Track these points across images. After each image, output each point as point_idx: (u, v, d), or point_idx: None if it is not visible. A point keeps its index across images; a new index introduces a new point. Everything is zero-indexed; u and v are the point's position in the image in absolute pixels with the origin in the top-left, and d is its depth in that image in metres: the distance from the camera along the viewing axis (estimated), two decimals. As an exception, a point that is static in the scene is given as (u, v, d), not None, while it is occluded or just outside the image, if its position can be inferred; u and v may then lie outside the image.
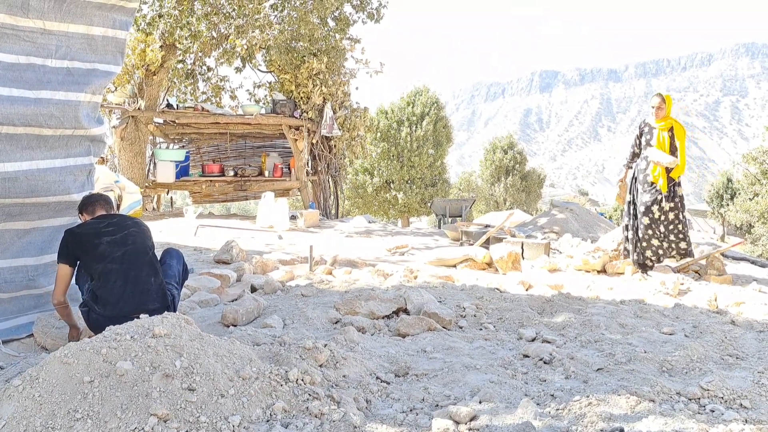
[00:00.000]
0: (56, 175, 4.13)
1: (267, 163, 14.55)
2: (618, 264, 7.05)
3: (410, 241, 9.77)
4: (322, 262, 7.27)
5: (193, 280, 5.51)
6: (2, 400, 2.26)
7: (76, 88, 4.14)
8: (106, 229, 3.72)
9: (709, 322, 4.45)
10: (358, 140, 15.01)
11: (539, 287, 5.97)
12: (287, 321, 4.24)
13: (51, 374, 2.33)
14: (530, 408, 2.54)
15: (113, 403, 2.26)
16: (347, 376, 2.96)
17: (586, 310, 4.75)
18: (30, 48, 3.92)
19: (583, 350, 3.68)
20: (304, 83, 13.55)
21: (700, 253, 7.56)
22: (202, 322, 4.22)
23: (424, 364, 3.39)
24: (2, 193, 3.85)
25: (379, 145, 29.59)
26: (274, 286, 5.49)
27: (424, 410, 2.68)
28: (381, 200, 30.17)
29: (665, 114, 6.79)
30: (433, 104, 30.79)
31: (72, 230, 3.76)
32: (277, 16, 13.82)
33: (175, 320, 2.74)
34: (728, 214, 32.07)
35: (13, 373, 3.14)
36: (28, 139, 3.95)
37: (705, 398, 2.76)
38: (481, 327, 4.36)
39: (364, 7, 14.42)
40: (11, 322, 4.06)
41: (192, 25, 12.51)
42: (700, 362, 3.41)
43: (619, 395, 2.69)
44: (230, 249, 7.05)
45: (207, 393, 2.39)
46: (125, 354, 2.43)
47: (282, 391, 2.54)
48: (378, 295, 4.69)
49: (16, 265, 4.12)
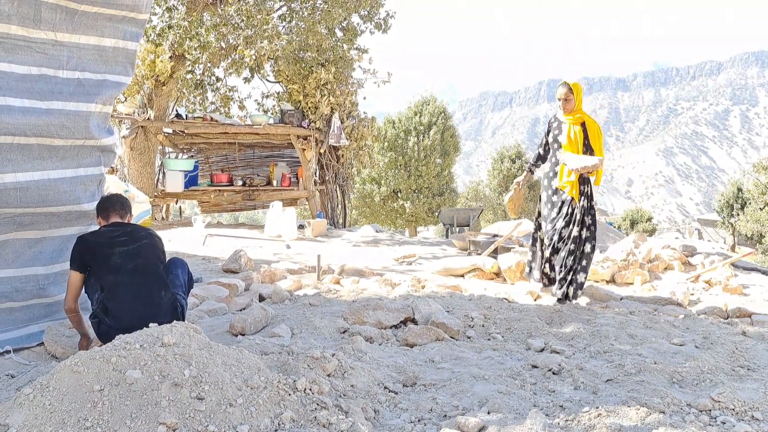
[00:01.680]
0: (67, 185, 4.16)
1: (275, 172, 14.59)
2: (627, 273, 7.03)
3: (418, 250, 9.76)
4: (330, 272, 7.28)
5: (202, 289, 5.52)
6: (13, 408, 2.27)
7: (87, 98, 4.18)
8: (119, 238, 3.73)
9: (719, 332, 4.42)
10: (365, 150, 15.04)
11: (548, 297, 5.96)
12: (295, 330, 4.24)
13: (61, 383, 2.34)
14: (539, 419, 2.53)
15: (123, 412, 2.26)
16: (355, 386, 2.96)
17: (595, 321, 4.73)
18: (42, 59, 3.96)
19: (592, 361, 3.66)
20: (312, 93, 13.59)
21: (710, 264, 7.53)
22: (211, 331, 4.23)
23: (432, 374, 3.38)
24: (14, 203, 3.88)
25: (386, 154, 29.61)
26: (282, 296, 5.49)
27: (432, 420, 2.68)
28: (388, 210, 30.16)
29: (574, 106, 5.76)
30: (441, 114, 30.79)
31: (85, 237, 3.77)
32: (285, 26, 13.89)
33: (183, 329, 2.75)
34: (738, 223, 31.92)
35: (24, 381, 3.16)
36: (40, 150, 3.99)
37: (716, 410, 2.75)
38: (489, 337, 4.35)
39: (372, 18, 14.47)
40: (22, 331, 4.08)
41: (201, 35, 12.57)
42: (710, 373, 3.39)
43: (629, 406, 2.68)
44: (238, 258, 7.07)
45: (216, 402, 2.39)
46: (135, 363, 2.44)
47: (290, 401, 2.54)
48: (386, 305, 4.69)
49: (26, 274, 4.14)
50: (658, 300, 5.95)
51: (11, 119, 3.76)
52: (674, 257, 7.89)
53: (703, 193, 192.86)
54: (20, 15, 3.78)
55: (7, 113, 3.75)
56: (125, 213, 3.97)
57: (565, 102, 5.75)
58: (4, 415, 2.26)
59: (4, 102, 3.75)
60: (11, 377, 3.35)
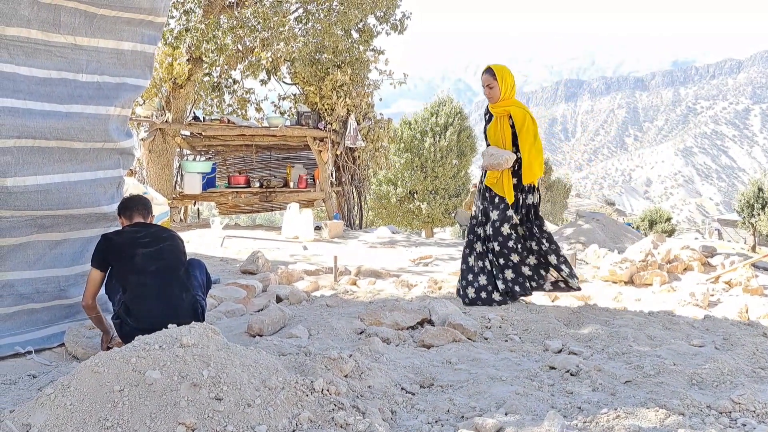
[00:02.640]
0: (87, 187, 4.21)
1: (292, 174, 14.64)
2: (646, 274, 6.98)
3: (434, 251, 9.76)
4: (347, 273, 7.29)
5: (220, 290, 5.55)
6: (35, 409, 2.30)
7: (106, 102, 4.22)
8: (142, 239, 3.76)
9: (740, 334, 4.38)
10: (381, 151, 15.06)
11: (565, 298, 5.93)
12: (312, 331, 4.26)
13: (82, 383, 2.36)
14: (557, 420, 2.52)
15: (142, 412, 2.28)
16: (372, 387, 2.96)
17: (613, 322, 4.70)
18: (62, 63, 4.01)
19: (610, 362, 3.64)
20: (329, 95, 13.63)
21: (730, 264, 7.45)
22: (229, 332, 4.25)
23: (449, 375, 3.38)
24: (35, 205, 3.93)
25: (402, 155, 29.62)
26: (299, 297, 5.51)
27: (449, 422, 2.68)
28: (405, 211, 30.17)
29: (501, 95, 4.93)
30: (457, 114, 30.75)
31: (109, 236, 3.80)
32: (301, 28, 13.94)
33: (202, 330, 2.77)
34: (759, 223, 31.59)
35: (45, 381, 3.20)
36: (60, 153, 4.03)
37: (736, 411, 2.72)
38: (506, 338, 4.34)
39: (388, 19, 14.49)
40: (43, 332, 4.13)
41: (218, 38, 12.66)
42: (731, 375, 3.35)
43: (648, 408, 2.66)
44: (256, 260, 7.10)
45: (234, 403, 2.41)
46: (154, 363, 2.46)
47: (308, 402, 2.55)
48: (402, 306, 4.69)
49: (47, 275, 4.19)
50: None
51: (32, 123, 3.81)
52: (694, 258, 7.82)
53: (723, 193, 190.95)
54: (40, 19, 3.83)
55: (28, 117, 3.79)
56: (147, 213, 4.00)
57: (489, 90, 4.97)
58: (26, 415, 2.29)
59: (25, 106, 3.80)
60: (33, 378, 3.40)
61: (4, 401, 2.94)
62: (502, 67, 4.98)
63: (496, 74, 4.91)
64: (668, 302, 5.99)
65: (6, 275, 3.99)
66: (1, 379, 3.38)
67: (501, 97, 4.94)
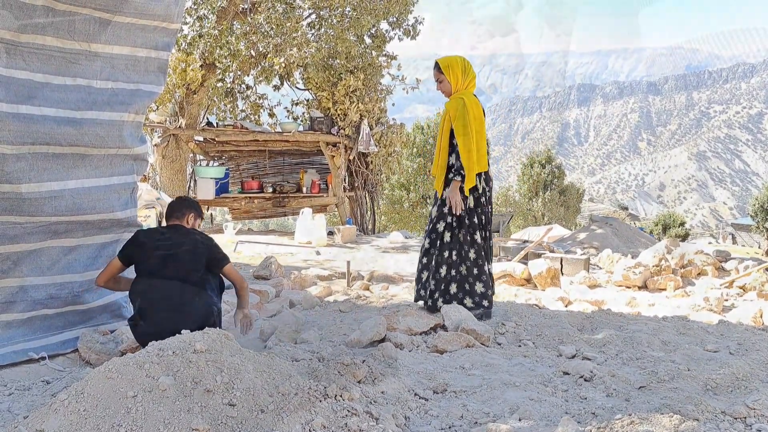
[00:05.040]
0: (101, 193, 4.23)
1: (305, 179, 14.67)
2: (660, 279, 6.93)
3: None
4: (360, 278, 7.29)
5: (233, 295, 5.56)
6: (49, 414, 2.31)
7: (121, 108, 4.25)
8: (163, 242, 3.82)
9: (755, 339, 4.33)
10: (394, 156, 15.07)
11: (579, 303, 5.90)
12: (325, 336, 4.26)
13: (95, 388, 2.38)
14: (571, 426, 2.51)
15: (156, 418, 2.29)
16: (385, 393, 2.95)
17: (627, 327, 4.66)
18: (76, 69, 4.03)
19: (624, 368, 3.62)
20: (341, 100, 13.66)
21: (744, 269, 7.39)
22: (242, 338, 4.26)
23: (463, 380, 3.37)
24: (49, 211, 3.96)
25: (415, 160, 29.62)
26: (312, 302, 5.52)
27: (462, 427, 2.67)
28: (417, 215, 30.12)
29: (453, 88, 4.65)
30: (470, 119, 30.69)
31: (138, 232, 3.99)
32: (314, 34, 13.99)
33: (215, 336, 2.78)
34: (774, 228, 31.28)
35: (59, 387, 3.21)
36: (74, 159, 4.06)
37: (751, 417, 2.69)
38: (519, 344, 4.32)
39: (401, 24, 14.51)
40: (57, 338, 4.15)
41: (231, 44, 12.72)
42: (745, 380, 3.32)
43: (662, 414, 2.64)
44: (269, 265, 7.11)
45: (247, 408, 2.41)
46: (167, 369, 2.47)
47: (321, 407, 2.55)
48: (415, 311, 4.68)
49: (61, 281, 4.21)
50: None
51: (46, 129, 3.83)
52: (707, 262, 7.76)
53: (737, 198, 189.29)
54: (55, 26, 3.86)
55: (43, 123, 3.82)
56: (183, 216, 4.07)
57: (439, 85, 4.70)
58: (39, 420, 2.30)
59: (40, 112, 3.82)
60: (46, 383, 3.42)
61: (18, 407, 2.96)
62: (450, 58, 4.68)
63: (441, 67, 4.65)
64: (682, 307, 5.94)
65: (20, 281, 4.01)
66: (15, 384, 3.40)
67: (454, 89, 4.67)
